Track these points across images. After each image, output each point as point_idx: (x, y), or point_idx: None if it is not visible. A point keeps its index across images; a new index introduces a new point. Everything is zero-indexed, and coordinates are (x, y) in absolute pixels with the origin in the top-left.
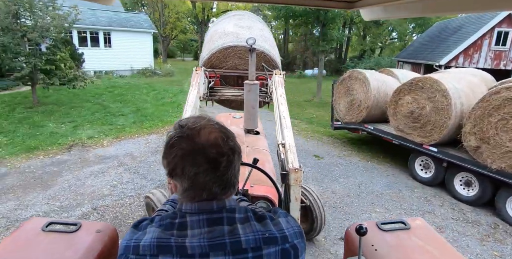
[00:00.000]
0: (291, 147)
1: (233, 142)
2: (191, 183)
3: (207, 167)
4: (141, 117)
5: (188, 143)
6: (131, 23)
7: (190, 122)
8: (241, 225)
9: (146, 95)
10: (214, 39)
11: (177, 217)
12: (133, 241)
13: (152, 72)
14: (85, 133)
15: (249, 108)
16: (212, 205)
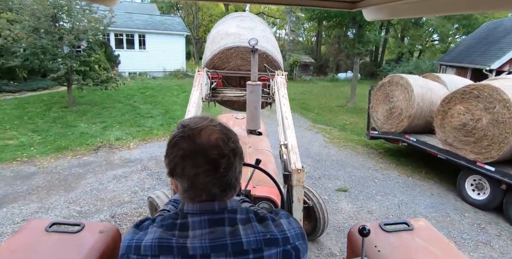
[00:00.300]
0: (293, 148)
1: (234, 143)
2: (191, 184)
3: (207, 168)
4: (169, 119)
5: (189, 144)
6: (165, 25)
7: (192, 122)
8: (242, 226)
9: (176, 96)
10: (216, 40)
11: (178, 217)
12: (135, 241)
13: (183, 74)
14: (113, 135)
15: (251, 109)
16: (214, 206)
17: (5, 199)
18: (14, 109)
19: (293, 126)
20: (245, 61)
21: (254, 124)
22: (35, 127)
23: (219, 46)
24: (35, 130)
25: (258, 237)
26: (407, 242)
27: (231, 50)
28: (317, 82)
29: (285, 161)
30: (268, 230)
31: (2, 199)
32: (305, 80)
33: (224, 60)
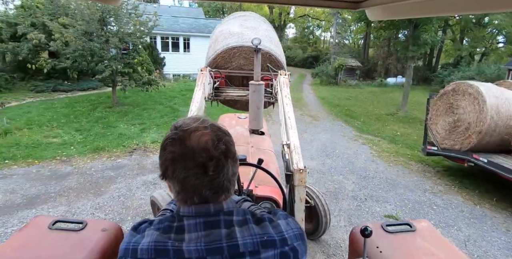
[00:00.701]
0: (296, 148)
1: (225, 145)
2: (182, 186)
3: (197, 171)
4: None
5: (179, 146)
6: (209, 29)
7: (184, 124)
8: (239, 228)
9: None
10: (219, 39)
11: (175, 220)
12: (132, 244)
13: None
14: (149, 137)
15: (254, 109)
16: (209, 208)
17: (37, 200)
18: (64, 107)
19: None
20: (248, 61)
21: (256, 124)
22: (79, 126)
23: (222, 45)
24: (78, 129)
25: (255, 239)
26: (409, 243)
27: (234, 49)
28: (364, 87)
29: (287, 161)
30: (265, 231)
31: (34, 199)
32: (350, 85)
33: (227, 60)
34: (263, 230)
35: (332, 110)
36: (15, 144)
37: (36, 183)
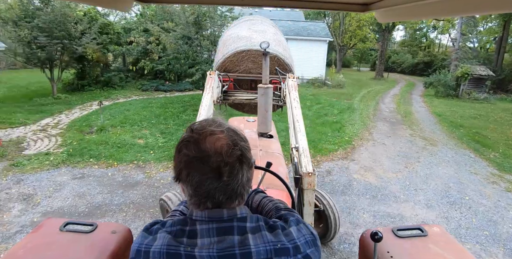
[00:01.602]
0: (304, 151)
1: (241, 150)
2: (195, 190)
3: (210, 176)
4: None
5: (194, 150)
6: (308, 31)
7: (200, 126)
8: (252, 235)
9: (308, 108)
10: (227, 43)
11: (187, 224)
12: (144, 246)
13: (321, 83)
14: None
15: (262, 112)
16: (222, 214)
17: (97, 211)
18: (158, 107)
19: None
20: (256, 64)
21: (265, 127)
22: (165, 128)
23: (230, 49)
24: (163, 132)
25: (268, 247)
26: (421, 248)
27: (243, 53)
28: (496, 103)
29: (296, 164)
30: (279, 239)
31: (95, 209)
32: (476, 99)
33: (236, 63)
34: (276, 237)
35: (454, 132)
36: (104, 142)
37: (105, 190)
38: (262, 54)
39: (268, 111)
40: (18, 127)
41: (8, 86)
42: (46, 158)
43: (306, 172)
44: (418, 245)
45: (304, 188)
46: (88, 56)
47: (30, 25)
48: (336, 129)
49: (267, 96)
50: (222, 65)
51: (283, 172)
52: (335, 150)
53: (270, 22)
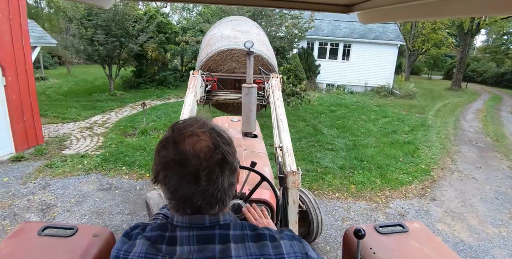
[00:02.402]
0: (288, 150)
1: (222, 154)
2: (172, 194)
3: (188, 180)
4: (355, 160)
5: (172, 151)
6: (375, 34)
7: (182, 126)
8: (234, 244)
9: (372, 122)
10: (211, 42)
11: (167, 229)
12: (122, 253)
13: (388, 92)
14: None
15: (246, 111)
16: (204, 220)
17: None
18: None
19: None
20: (240, 64)
21: (249, 127)
22: None
23: (214, 48)
24: None
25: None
26: (402, 244)
27: (226, 52)
28: None
29: (280, 163)
30: (263, 252)
31: None
32: None
33: (219, 63)
34: (261, 249)
35: None
36: (142, 148)
37: (126, 209)
38: (246, 53)
39: (252, 110)
40: (68, 123)
41: (77, 80)
42: (80, 161)
43: (291, 171)
44: (400, 241)
45: (289, 187)
46: (147, 54)
47: (92, 23)
48: (408, 152)
49: (251, 95)
50: (205, 64)
51: (268, 171)
52: (409, 182)
53: (254, 23)
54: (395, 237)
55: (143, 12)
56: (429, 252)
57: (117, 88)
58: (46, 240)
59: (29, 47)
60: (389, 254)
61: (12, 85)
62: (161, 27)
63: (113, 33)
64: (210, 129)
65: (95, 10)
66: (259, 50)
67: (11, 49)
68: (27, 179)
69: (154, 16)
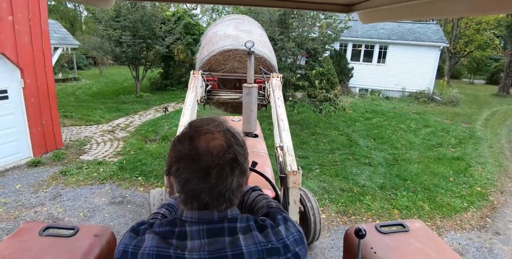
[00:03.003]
0: (289, 150)
1: (234, 154)
2: (182, 187)
3: (198, 175)
4: (397, 178)
5: (187, 146)
6: (415, 35)
7: (199, 123)
8: (242, 235)
9: (413, 133)
10: (214, 41)
11: (177, 225)
12: (131, 247)
13: (428, 98)
14: (306, 185)
15: (247, 111)
16: (213, 215)
17: None
18: None
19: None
20: (241, 64)
21: (250, 126)
22: None
23: (217, 47)
24: None
25: (260, 248)
26: (403, 243)
27: (230, 52)
28: None
29: (280, 163)
30: (269, 239)
31: None
32: None
33: (221, 62)
34: (267, 237)
35: None
36: (161, 156)
37: None
38: (247, 53)
39: (253, 110)
40: (91, 125)
41: (107, 81)
42: (96, 169)
43: (291, 170)
44: (400, 240)
45: (289, 186)
46: (175, 56)
47: (120, 25)
48: (459, 171)
49: (252, 95)
50: (207, 63)
51: (268, 171)
52: (464, 209)
53: (256, 23)
54: (395, 237)
55: (171, 13)
56: (430, 252)
57: (144, 90)
58: (47, 240)
59: (49, 48)
60: (390, 254)
61: (30, 87)
62: (189, 28)
63: (139, 34)
64: (225, 130)
65: (123, 11)
66: (261, 51)
67: (30, 50)
68: (39, 187)
69: (182, 17)
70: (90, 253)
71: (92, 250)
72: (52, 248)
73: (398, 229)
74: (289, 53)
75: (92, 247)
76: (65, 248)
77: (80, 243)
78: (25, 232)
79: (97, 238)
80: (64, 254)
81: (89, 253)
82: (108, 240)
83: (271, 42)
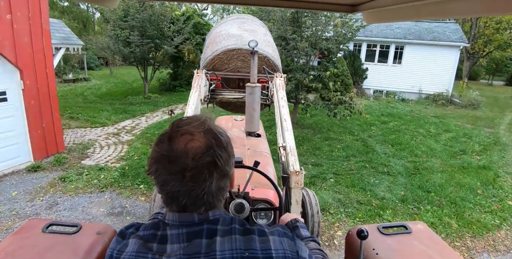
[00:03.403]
0: (292, 150)
1: (213, 157)
2: (160, 189)
3: (175, 177)
4: (419, 190)
5: (165, 147)
6: (433, 34)
7: (180, 123)
8: (221, 238)
9: (433, 138)
10: (217, 40)
11: (160, 228)
12: (116, 252)
13: (447, 100)
14: (319, 197)
15: (250, 111)
16: (193, 217)
17: None
18: None
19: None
20: (245, 63)
21: (252, 126)
22: None
23: (221, 46)
24: None
25: (235, 254)
26: (405, 245)
27: (233, 51)
28: None
29: (283, 163)
30: (249, 246)
31: None
32: None
33: (225, 61)
34: (247, 244)
35: None
36: None
37: None
38: (250, 52)
39: (256, 110)
40: (97, 127)
41: (116, 82)
42: (97, 175)
43: (294, 170)
44: (403, 241)
45: (292, 186)
46: (184, 56)
47: (128, 24)
48: (487, 182)
49: (255, 95)
50: (211, 62)
51: (271, 171)
52: (496, 226)
53: (260, 22)
54: (398, 238)
55: (180, 13)
56: (432, 254)
57: (152, 91)
58: (50, 237)
59: (50, 48)
60: (392, 255)
61: (30, 89)
62: (199, 28)
63: (148, 34)
64: (207, 130)
65: (131, 10)
66: (265, 50)
67: (30, 50)
68: (36, 195)
69: (192, 16)
70: (93, 250)
71: (95, 247)
72: (55, 245)
73: (400, 231)
74: (301, 53)
75: (95, 245)
76: (68, 245)
77: (83, 241)
78: (28, 229)
79: (100, 235)
80: (67, 251)
81: (92, 250)
82: (110, 237)
83: (283, 41)
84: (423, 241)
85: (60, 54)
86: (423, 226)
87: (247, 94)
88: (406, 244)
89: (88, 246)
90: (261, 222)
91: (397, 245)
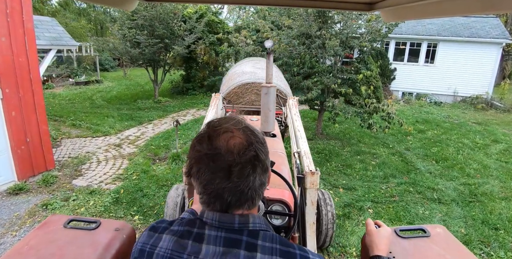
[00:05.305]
0: (306, 154)
1: (256, 152)
2: (203, 188)
3: (220, 175)
4: (483, 225)
5: (206, 146)
6: (470, 31)
7: (217, 122)
8: (261, 255)
9: (482, 151)
10: (233, 77)
11: (196, 225)
12: (149, 247)
13: (487, 104)
14: (350, 242)
15: (265, 111)
16: (234, 220)
17: None
18: None
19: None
20: (259, 97)
21: (268, 126)
22: None
23: (235, 82)
24: None
25: None
26: (423, 249)
27: (247, 85)
28: None
29: (298, 165)
30: None
31: None
32: None
33: (240, 95)
34: None
35: None
36: (169, 184)
37: None
38: (266, 53)
39: (271, 110)
40: (98, 137)
41: (129, 84)
42: (86, 201)
43: (309, 171)
44: (421, 245)
45: (307, 187)
46: (197, 57)
47: (135, 23)
48: None
49: (270, 95)
50: (227, 96)
51: (286, 171)
52: None
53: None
54: (416, 242)
55: (193, 11)
56: (451, 258)
57: (163, 94)
58: (71, 232)
59: (35, 50)
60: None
61: (10, 99)
62: (212, 26)
63: (156, 33)
64: (245, 127)
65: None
66: (278, 84)
67: (9, 53)
68: (9, 228)
69: (205, 14)
70: (111, 246)
71: (113, 243)
72: (75, 240)
73: (418, 234)
74: (329, 53)
75: (113, 241)
76: (88, 240)
77: (102, 236)
78: (51, 224)
79: (118, 232)
80: (87, 246)
81: (110, 246)
82: (128, 234)
83: (307, 40)
84: (442, 245)
85: (50, 57)
86: (442, 229)
87: (263, 94)
88: (424, 248)
89: (106, 242)
90: (276, 222)
91: (414, 248)
